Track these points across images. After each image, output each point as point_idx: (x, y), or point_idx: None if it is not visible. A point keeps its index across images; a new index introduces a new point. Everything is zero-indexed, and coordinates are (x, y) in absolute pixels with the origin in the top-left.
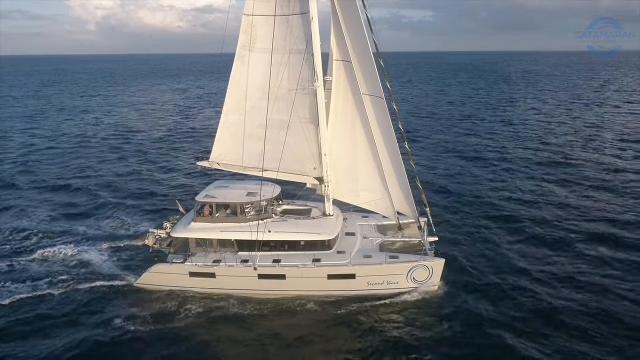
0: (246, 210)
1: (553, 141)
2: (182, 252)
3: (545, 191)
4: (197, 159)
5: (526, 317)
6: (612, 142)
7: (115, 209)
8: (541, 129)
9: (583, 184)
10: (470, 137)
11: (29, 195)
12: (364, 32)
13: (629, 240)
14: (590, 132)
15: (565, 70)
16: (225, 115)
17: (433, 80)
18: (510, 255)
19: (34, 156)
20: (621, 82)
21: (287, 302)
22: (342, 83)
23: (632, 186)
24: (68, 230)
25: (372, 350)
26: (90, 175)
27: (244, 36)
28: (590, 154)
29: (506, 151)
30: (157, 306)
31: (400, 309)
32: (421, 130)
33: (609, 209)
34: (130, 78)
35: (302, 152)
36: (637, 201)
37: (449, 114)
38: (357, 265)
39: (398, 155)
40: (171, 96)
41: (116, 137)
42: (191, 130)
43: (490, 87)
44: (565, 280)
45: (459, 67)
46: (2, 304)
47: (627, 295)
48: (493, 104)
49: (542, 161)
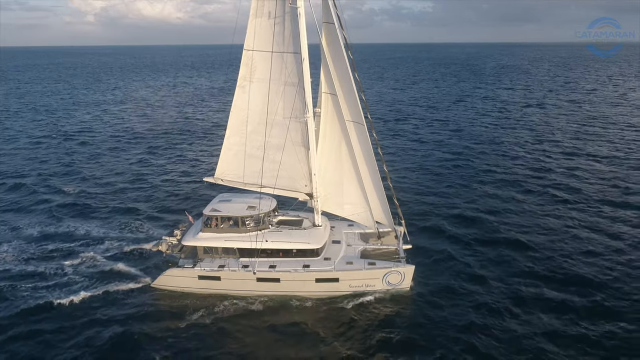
0: (246, 223)
1: (504, 143)
2: (192, 258)
3: (504, 198)
4: (205, 175)
5: (485, 315)
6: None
7: (131, 216)
8: (495, 132)
9: (548, 194)
10: (435, 151)
11: (49, 199)
12: (347, 69)
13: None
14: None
15: (539, 65)
16: (228, 137)
17: (402, 79)
18: (472, 263)
19: (50, 166)
20: (587, 80)
21: (281, 302)
22: (330, 112)
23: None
24: (87, 236)
25: (352, 341)
26: (108, 182)
27: (245, 69)
28: (565, 162)
29: (473, 165)
30: (171, 304)
31: (376, 307)
32: (394, 144)
33: (563, 215)
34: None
35: (295, 172)
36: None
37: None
38: (340, 270)
39: (377, 174)
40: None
41: (131, 146)
42: (201, 141)
43: (451, 87)
44: (521, 283)
45: (443, 61)
46: (29, 306)
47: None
48: (454, 114)
49: (508, 171)
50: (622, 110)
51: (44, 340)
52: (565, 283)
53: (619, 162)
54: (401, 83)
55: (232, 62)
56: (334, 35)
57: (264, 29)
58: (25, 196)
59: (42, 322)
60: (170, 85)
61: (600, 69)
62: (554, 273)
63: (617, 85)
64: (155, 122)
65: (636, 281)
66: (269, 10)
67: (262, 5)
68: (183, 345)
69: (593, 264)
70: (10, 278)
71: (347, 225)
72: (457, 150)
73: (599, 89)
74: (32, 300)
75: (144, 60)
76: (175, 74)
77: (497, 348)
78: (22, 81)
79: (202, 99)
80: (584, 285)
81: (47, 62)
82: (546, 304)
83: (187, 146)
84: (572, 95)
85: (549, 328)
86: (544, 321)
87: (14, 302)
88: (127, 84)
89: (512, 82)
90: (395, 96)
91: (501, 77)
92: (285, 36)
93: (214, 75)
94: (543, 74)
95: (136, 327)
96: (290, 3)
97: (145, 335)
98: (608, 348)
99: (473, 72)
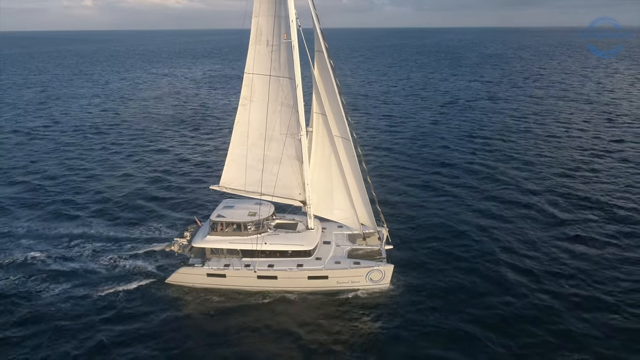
0: (248, 227)
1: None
2: (201, 258)
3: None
4: (212, 183)
5: (458, 310)
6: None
7: (146, 218)
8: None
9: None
10: (416, 158)
11: (70, 200)
12: (335, 93)
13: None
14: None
15: (521, 53)
16: (231, 149)
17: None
18: (441, 265)
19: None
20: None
21: (278, 296)
22: (320, 130)
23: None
24: (106, 236)
25: (338, 327)
26: (124, 187)
27: (246, 89)
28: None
29: (451, 173)
30: (183, 297)
31: (360, 300)
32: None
33: (529, 210)
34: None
35: (291, 182)
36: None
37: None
38: (329, 269)
39: (362, 183)
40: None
41: (145, 151)
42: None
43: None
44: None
45: (433, 49)
46: (59, 305)
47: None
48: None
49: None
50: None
51: (67, 329)
52: (539, 281)
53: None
54: (374, 74)
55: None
56: (323, 63)
57: (262, 55)
58: (43, 197)
59: (67, 314)
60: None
61: (581, 59)
62: (527, 273)
63: (585, 76)
64: (169, 125)
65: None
66: (266, 39)
67: (261, 34)
68: (195, 331)
69: (548, 259)
70: (35, 275)
71: (337, 226)
72: (415, 152)
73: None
74: (57, 295)
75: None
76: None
77: (463, 337)
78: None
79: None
80: (553, 280)
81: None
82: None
83: (199, 154)
84: (534, 89)
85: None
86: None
87: (40, 297)
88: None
89: (482, 75)
90: (359, 88)
91: (477, 68)
92: (281, 63)
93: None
94: (522, 64)
95: (156, 317)
96: (285, 39)
97: (161, 324)
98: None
99: (455, 62)
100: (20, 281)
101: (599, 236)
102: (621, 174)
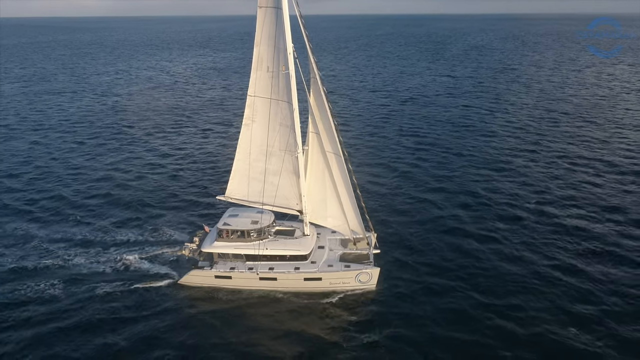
0: (251, 234)
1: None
2: (209, 261)
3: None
4: (218, 193)
5: (440, 308)
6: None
7: (158, 224)
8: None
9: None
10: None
11: (83, 206)
12: (328, 114)
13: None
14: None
15: (507, 45)
16: (236, 162)
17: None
18: (424, 267)
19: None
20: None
21: (278, 295)
22: (315, 148)
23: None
24: (121, 239)
25: (330, 324)
26: (137, 191)
27: (249, 110)
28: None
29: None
30: (194, 296)
31: (350, 299)
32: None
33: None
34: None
35: (289, 193)
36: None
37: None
38: (323, 271)
39: (352, 194)
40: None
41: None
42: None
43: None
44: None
45: (420, 39)
46: (76, 305)
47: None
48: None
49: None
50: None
51: (89, 328)
52: (528, 275)
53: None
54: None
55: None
56: (317, 88)
57: (263, 80)
58: (59, 201)
59: (86, 313)
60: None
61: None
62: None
63: (555, 69)
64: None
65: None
66: (267, 65)
67: (262, 61)
68: (203, 327)
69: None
70: (51, 275)
71: (330, 232)
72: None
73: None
74: (74, 295)
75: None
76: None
77: (446, 334)
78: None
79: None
80: (543, 276)
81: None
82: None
83: (208, 164)
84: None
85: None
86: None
87: (57, 298)
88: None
89: (458, 68)
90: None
91: (455, 61)
92: (280, 88)
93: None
94: (501, 57)
95: (169, 316)
96: (284, 70)
97: (175, 322)
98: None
99: (436, 54)
100: (35, 283)
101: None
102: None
